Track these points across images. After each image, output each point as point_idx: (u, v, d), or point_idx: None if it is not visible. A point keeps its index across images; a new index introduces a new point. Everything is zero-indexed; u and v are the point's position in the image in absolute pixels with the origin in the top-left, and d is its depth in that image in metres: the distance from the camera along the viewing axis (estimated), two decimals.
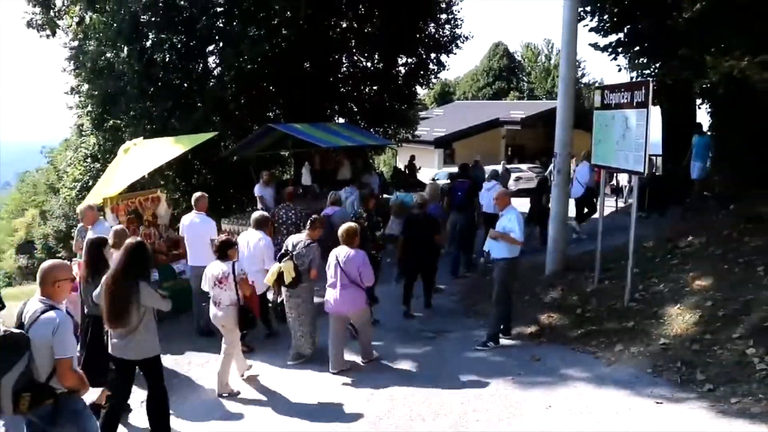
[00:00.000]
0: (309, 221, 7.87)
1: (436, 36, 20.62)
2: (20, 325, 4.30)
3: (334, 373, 7.42)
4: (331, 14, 18.26)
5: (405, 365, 7.69)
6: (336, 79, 19.83)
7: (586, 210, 13.46)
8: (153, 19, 16.54)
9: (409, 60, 20.78)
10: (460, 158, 29.81)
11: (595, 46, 13.47)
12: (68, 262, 5.29)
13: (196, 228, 9.03)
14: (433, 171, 27.87)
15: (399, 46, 19.38)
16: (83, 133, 21.32)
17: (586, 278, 9.83)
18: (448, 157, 33.72)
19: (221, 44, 17.21)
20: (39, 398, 4.20)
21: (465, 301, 10.41)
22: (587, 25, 13.18)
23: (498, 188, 11.26)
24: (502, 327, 8.23)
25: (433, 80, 22.39)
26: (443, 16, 20.36)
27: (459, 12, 21.13)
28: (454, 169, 20.78)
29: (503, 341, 8.15)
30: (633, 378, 6.52)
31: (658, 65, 11.22)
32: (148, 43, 16.99)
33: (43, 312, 4.26)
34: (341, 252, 7.32)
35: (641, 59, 12.39)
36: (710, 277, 8.20)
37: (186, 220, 9.24)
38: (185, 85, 17.19)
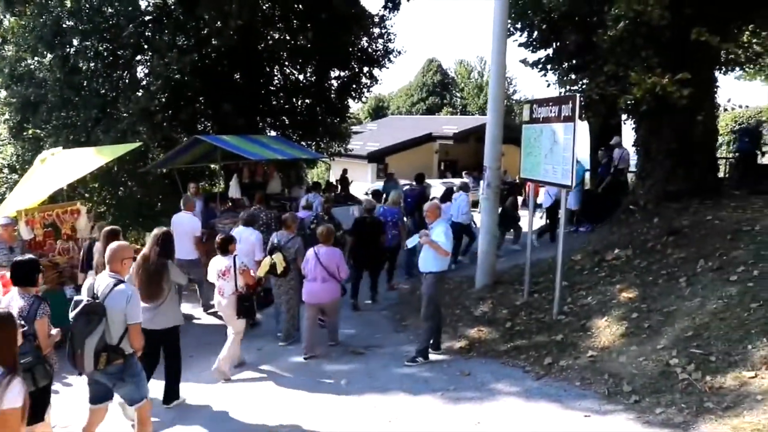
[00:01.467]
0: (282, 220, 9.32)
1: (369, 50, 20.55)
2: (93, 296, 5.13)
3: (306, 358, 8.33)
4: (262, 26, 18.00)
5: (334, 382, 7.55)
6: (268, 92, 19.56)
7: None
8: (77, 25, 15.99)
9: (342, 73, 20.66)
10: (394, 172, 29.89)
11: (525, 62, 13.64)
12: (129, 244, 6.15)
13: (184, 226, 10.24)
14: (366, 185, 27.80)
15: (332, 59, 19.26)
16: (0, 142, 20.44)
17: (515, 291, 9.91)
18: (382, 172, 33.76)
19: (149, 53, 16.75)
20: (112, 358, 5.08)
21: (395, 316, 10.33)
22: (517, 40, 13.36)
23: (466, 198, 12.82)
24: (431, 342, 8.15)
25: (366, 94, 22.27)
26: (376, 30, 20.30)
27: (392, 27, 21.21)
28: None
29: (433, 356, 8.08)
30: (562, 391, 6.53)
31: (585, 81, 11.41)
32: (72, 50, 16.36)
33: (115, 285, 5.14)
34: (320, 249, 8.42)
35: (569, 75, 12.61)
36: (636, 289, 8.34)
37: (175, 218, 10.49)
38: (111, 94, 16.63)
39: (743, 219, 9.18)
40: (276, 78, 20.18)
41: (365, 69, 20.64)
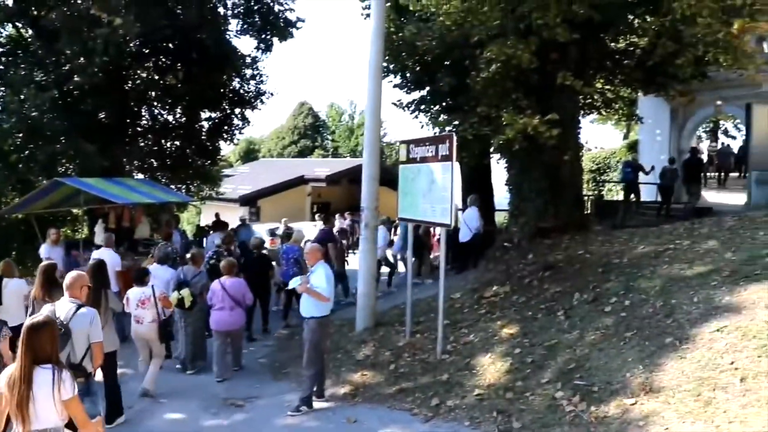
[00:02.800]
0: (190, 256, 9.95)
1: (241, 91, 20.32)
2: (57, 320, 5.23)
3: (218, 381, 8.79)
4: (130, 63, 17.31)
5: None
6: (135, 132, 18.81)
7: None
8: None
9: (213, 114, 20.29)
10: (266, 216, 29.51)
11: (398, 103, 13.87)
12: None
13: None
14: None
15: (203, 99, 18.82)
16: None
17: (397, 333, 9.78)
18: (254, 215, 33.17)
19: (3, 89, 15.65)
20: (77, 375, 5.03)
21: (273, 363, 9.92)
22: (392, 81, 13.56)
23: (384, 233, 13.33)
24: (315, 389, 7.85)
25: (238, 136, 21.95)
26: (248, 72, 20.11)
27: (264, 68, 21.04)
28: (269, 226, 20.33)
29: (317, 404, 7.74)
30: None
31: (457, 122, 11.68)
32: None
33: (78, 308, 5.53)
34: (226, 281, 9.08)
35: (442, 116, 12.90)
36: (516, 324, 8.44)
37: (95, 254, 10.54)
38: None
39: (611, 252, 9.59)
40: (144, 118, 19.51)
41: (237, 110, 20.43)
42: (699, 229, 10.06)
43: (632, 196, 17.05)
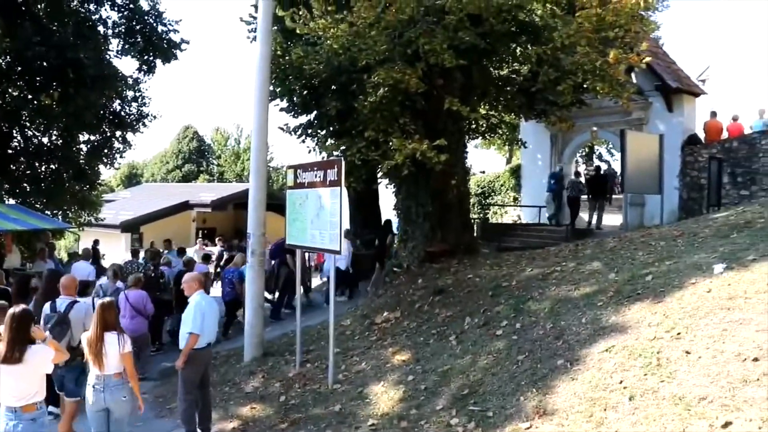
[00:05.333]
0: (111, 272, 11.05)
1: (122, 113, 19.43)
2: (58, 312, 7.32)
3: None
4: None
5: None
6: (6, 155, 17.54)
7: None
8: None
9: (92, 137, 19.27)
10: (149, 243, 28.33)
11: (285, 128, 13.61)
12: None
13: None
14: (120, 256, 25.92)
15: (80, 121, 17.73)
16: None
17: (287, 362, 9.49)
18: (137, 242, 31.81)
19: None
20: (74, 356, 6.57)
21: (157, 399, 9.34)
22: (278, 105, 13.30)
23: (348, 246, 13.49)
24: (200, 428, 7.41)
25: (119, 159, 20.97)
26: (130, 93, 19.29)
27: (147, 90, 20.24)
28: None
29: None
30: None
31: (345, 147, 11.59)
32: None
33: (73, 303, 7.40)
34: (129, 293, 10.24)
35: (330, 141, 12.77)
36: (409, 350, 8.33)
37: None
38: None
39: (500, 275, 9.69)
40: (16, 140, 18.29)
41: (118, 133, 19.55)
42: (583, 250, 10.37)
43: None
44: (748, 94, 19.59)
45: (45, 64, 16.51)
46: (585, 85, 10.94)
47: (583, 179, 19.81)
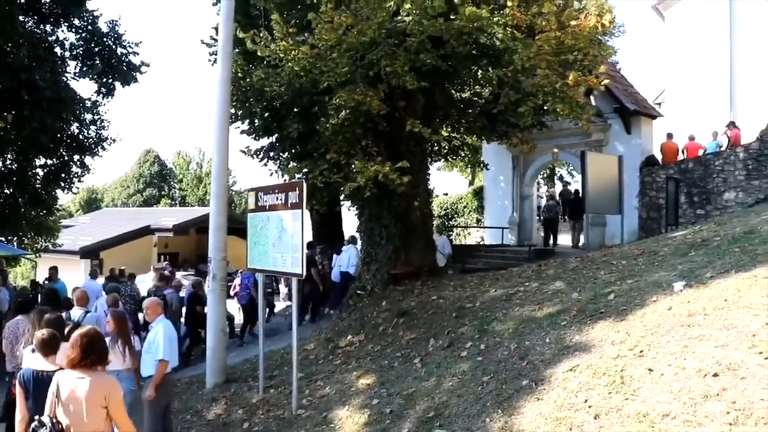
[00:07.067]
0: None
1: (81, 136, 19.06)
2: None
3: None
4: None
5: None
6: None
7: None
8: None
9: (49, 161, 18.87)
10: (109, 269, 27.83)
11: (247, 150, 13.51)
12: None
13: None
14: (80, 282, 25.37)
15: (36, 145, 17.36)
16: None
17: (249, 388, 9.33)
18: (97, 267, 31.23)
19: None
20: None
21: None
22: (239, 127, 13.21)
23: (354, 251, 14.16)
24: None
25: (78, 184, 20.51)
26: (88, 116, 18.95)
27: (106, 113, 19.86)
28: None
29: None
30: None
31: (307, 169, 11.54)
32: None
33: (87, 312, 9.05)
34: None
35: (292, 163, 12.70)
36: (373, 374, 8.24)
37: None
38: None
39: (464, 297, 9.67)
40: None
41: (76, 157, 19.14)
42: (545, 270, 10.41)
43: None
44: (702, 116, 20.06)
45: None
46: (545, 107, 11.07)
47: (558, 201, 20.16)
